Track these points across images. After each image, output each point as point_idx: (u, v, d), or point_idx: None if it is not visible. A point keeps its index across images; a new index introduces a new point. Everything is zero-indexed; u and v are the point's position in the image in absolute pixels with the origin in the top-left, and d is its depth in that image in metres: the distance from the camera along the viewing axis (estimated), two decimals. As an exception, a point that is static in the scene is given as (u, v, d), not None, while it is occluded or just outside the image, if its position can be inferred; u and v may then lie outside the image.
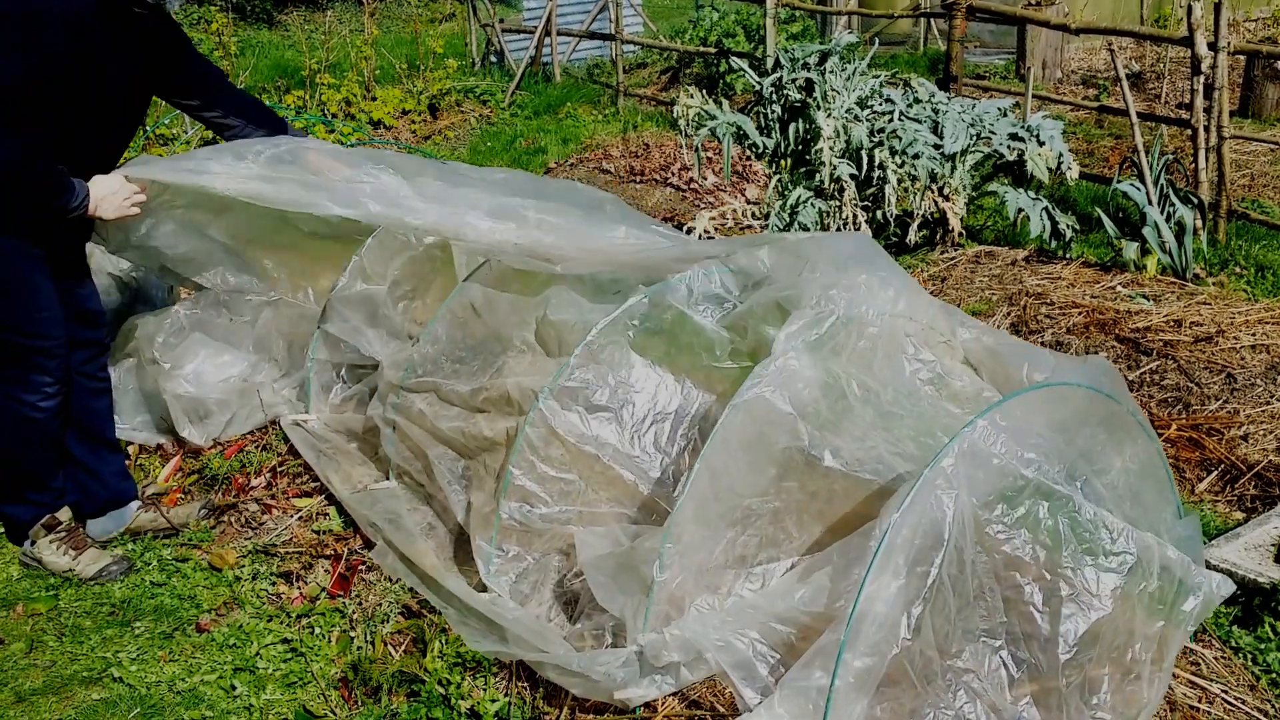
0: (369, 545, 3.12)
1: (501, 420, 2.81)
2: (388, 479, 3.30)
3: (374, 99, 9.74)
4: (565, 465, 2.70)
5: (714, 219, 5.11)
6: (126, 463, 3.51)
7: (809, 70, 4.98)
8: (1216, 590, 2.32)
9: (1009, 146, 5.04)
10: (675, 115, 5.15)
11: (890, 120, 4.98)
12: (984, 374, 2.68)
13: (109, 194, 2.99)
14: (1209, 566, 2.69)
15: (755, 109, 5.16)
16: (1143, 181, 5.28)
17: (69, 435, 3.15)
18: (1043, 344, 4.08)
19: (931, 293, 2.80)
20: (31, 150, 2.74)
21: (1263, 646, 2.60)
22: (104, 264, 3.85)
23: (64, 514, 3.16)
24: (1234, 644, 2.62)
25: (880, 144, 4.82)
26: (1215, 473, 3.37)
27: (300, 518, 3.34)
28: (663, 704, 2.36)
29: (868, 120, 4.96)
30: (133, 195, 3.07)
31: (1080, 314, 4.31)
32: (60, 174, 2.83)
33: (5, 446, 3.01)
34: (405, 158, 3.53)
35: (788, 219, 4.77)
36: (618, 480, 2.70)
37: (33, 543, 3.14)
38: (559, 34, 11.23)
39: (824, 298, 2.52)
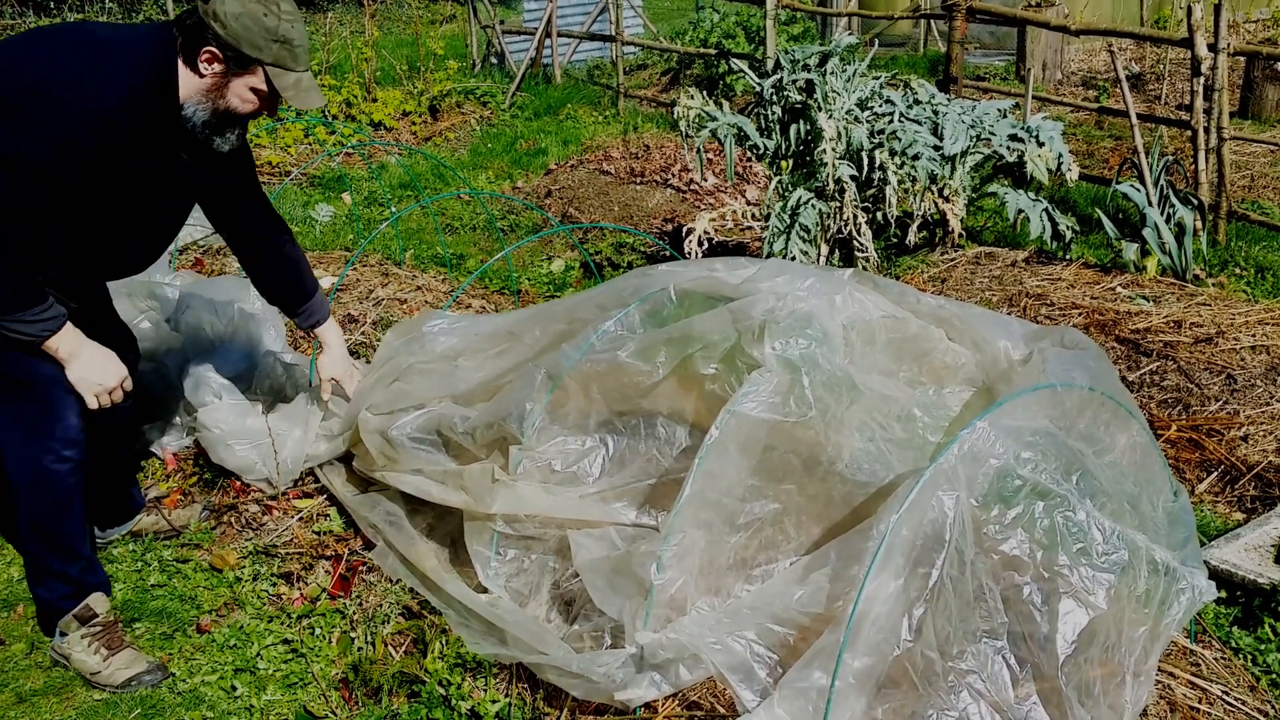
0: (369, 546, 3.13)
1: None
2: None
3: (374, 100, 9.75)
4: (541, 524, 2.71)
5: (714, 220, 5.10)
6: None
7: (809, 72, 4.98)
8: (1199, 596, 2.33)
9: (1009, 148, 5.04)
10: (676, 117, 5.15)
11: (890, 122, 4.98)
12: (957, 339, 2.67)
13: (94, 366, 2.67)
14: (1208, 567, 2.70)
15: (756, 110, 5.16)
16: (1142, 183, 5.29)
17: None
18: (1043, 345, 4.09)
19: (932, 294, 2.80)
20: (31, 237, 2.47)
21: (1263, 647, 2.60)
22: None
23: (100, 604, 2.83)
24: (1234, 645, 2.62)
25: (880, 145, 4.82)
26: (1215, 473, 3.37)
27: (301, 519, 3.34)
28: (663, 705, 2.36)
29: (868, 122, 4.96)
30: (116, 393, 2.73)
31: (1080, 315, 4.31)
32: (34, 284, 2.52)
33: (34, 509, 2.71)
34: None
35: (788, 220, 4.77)
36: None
37: (63, 634, 2.81)
38: (559, 35, 11.24)
39: (785, 303, 2.51)
